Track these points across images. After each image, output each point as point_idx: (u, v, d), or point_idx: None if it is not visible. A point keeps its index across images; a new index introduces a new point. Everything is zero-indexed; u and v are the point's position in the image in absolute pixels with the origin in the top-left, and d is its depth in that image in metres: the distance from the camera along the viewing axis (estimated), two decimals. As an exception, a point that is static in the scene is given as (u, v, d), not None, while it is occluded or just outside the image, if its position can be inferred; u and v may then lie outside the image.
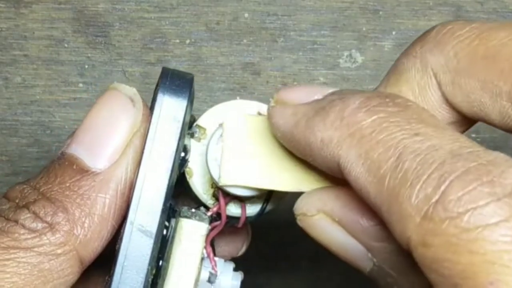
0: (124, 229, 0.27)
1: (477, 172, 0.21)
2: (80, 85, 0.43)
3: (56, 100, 0.43)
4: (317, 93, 0.26)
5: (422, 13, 0.43)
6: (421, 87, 0.28)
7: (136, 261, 0.27)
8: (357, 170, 0.24)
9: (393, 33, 0.43)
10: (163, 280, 0.28)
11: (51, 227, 0.26)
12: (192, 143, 0.30)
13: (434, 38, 0.27)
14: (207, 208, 0.30)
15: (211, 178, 0.29)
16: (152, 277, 0.27)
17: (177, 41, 0.43)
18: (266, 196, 0.30)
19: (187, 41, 0.43)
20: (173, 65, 0.43)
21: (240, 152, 0.28)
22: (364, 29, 0.43)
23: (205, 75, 0.43)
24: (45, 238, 0.26)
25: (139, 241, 0.27)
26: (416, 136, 0.23)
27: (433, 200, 0.21)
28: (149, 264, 0.27)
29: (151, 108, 0.28)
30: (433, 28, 0.27)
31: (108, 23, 0.43)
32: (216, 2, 0.43)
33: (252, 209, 0.30)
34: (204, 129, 0.30)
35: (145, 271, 0.27)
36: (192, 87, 0.28)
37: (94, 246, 0.27)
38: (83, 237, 0.27)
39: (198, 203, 0.30)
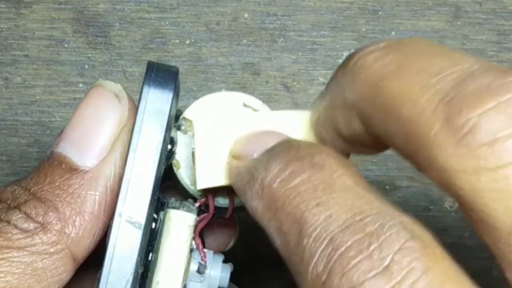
0: (112, 221, 0.27)
1: (358, 247, 0.22)
2: (80, 85, 0.43)
3: (56, 100, 0.43)
4: (267, 142, 0.27)
5: (421, 13, 0.44)
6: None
7: (125, 252, 0.27)
8: (276, 243, 0.24)
9: (393, 33, 0.43)
10: (153, 272, 0.28)
11: (43, 226, 0.27)
12: (178, 136, 0.30)
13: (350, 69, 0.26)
14: (195, 199, 0.30)
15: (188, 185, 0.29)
16: (142, 269, 0.28)
17: (177, 41, 0.43)
18: None
19: (187, 41, 0.43)
20: (173, 65, 0.43)
21: (214, 151, 0.28)
22: (363, 29, 0.43)
23: (205, 75, 0.43)
24: (37, 237, 0.26)
25: (127, 233, 0.27)
26: (317, 206, 0.23)
27: (322, 280, 0.22)
28: (139, 255, 0.27)
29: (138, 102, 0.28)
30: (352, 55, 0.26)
31: (108, 23, 0.43)
32: (216, 2, 0.43)
33: (240, 199, 0.30)
34: (191, 122, 0.30)
35: (134, 261, 0.27)
36: (177, 79, 0.28)
37: (86, 244, 0.27)
38: (75, 235, 0.27)
39: (186, 195, 0.30)
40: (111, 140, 0.28)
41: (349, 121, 0.25)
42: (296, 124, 0.29)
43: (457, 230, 0.43)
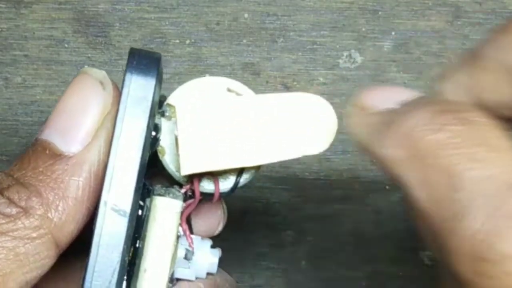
0: (98, 209, 0.27)
1: None
2: (80, 85, 0.43)
3: (56, 100, 0.43)
4: (397, 97, 0.26)
5: (421, 13, 0.44)
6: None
7: (111, 240, 0.27)
8: (417, 193, 0.23)
9: (393, 33, 0.43)
10: (141, 259, 0.28)
11: (25, 211, 0.27)
12: (163, 122, 0.30)
13: None
14: (180, 185, 0.30)
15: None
16: (130, 257, 0.28)
17: (177, 41, 0.43)
18: (239, 170, 0.30)
19: (187, 41, 0.43)
20: (173, 65, 0.43)
21: (197, 137, 0.28)
22: (363, 29, 0.43)
23: (205, 75, 0.43)
24: (19, 222, 0.26)
25: (113, 221, 0.27)
26: (474, 162, 0.22)
27: (481, 237, 0.21)
28: (125, 243, 0.27)
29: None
30: None
31: (108, 23, 0.43)
32: (216, 2, 0.43)
33: (226, 184, 0.30)
34: (174, 108, 0.30)
35: (120, 249, 0.27)
36: (160, 66, 0.28)
37: (69, 229, 0.27)
38: (58, 220, 0.27)
39: (172, 181, 0.30)
40: (95, 127, 0.28)
41: (501, 86, 0.25)
42: (283, 107, 0.29)
43: (457, 230, 0.43)
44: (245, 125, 0.29)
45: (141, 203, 0.29)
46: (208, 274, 0.31)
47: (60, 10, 0.43)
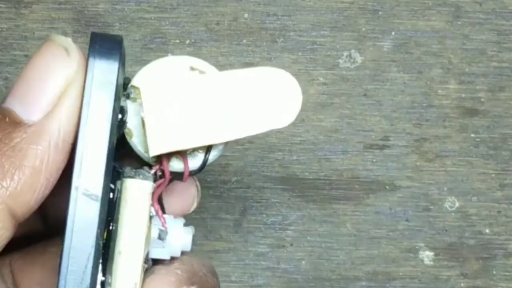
0: (69, 195, 0.27)
1: None
2: (80, 85, 0.43)
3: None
4: None
5: (421, 13, 0.44)
6: None
7: (84, 225, 0.27)
8: None
9: (393, 33, 0.43)
10: (115, 242, 0.28)
11: None
12: (128, 104, 0.30)
13: None
14: (150, 166, 0.30)
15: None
16: (104, 240, 0.28)
17: (177, 41, 0.43)
18: (207, 148, 0.30)
19: (187, 41, 0.43)
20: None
21: (164, 117, 0.29)
22: (363, 29, 0.43)
23: (205, 75, 0.43)
24: None
25: (85, 206, 0.27)
26: None
27: None
28: (98, 227, 0.27)
29: None
30: None
31: (108, 23, 0.43)
32: (216, 2, 0.43)
33: (195, 162, 0.30)
34: (139, 89, 0.30)
35: (94, 234, 0.27)
36: (122, 48, 0.28)
37: (25, 199, 0.27)
38: (13, 190, 0.26)
39: (141, 162, 0.30)
40: (57, 94, 0.27)
41: None
42: (248, 82, 0.29)
43: (457, 230, 0.43)
44: (210, 102, 0.29)
45: (112, 186, 0.28)
46: (183, 252, 0.31)
47: (60, 10, 0.43)
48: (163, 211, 0.31)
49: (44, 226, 0.34)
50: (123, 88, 0.30)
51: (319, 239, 0.43)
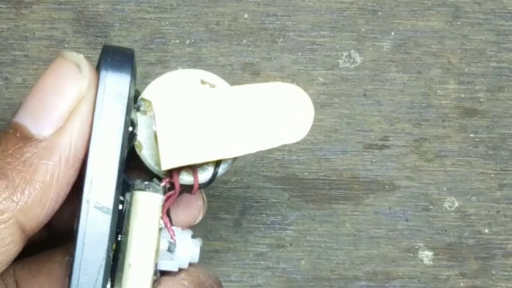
0: (80, 208, 0.27)
1: None
2: (80, 85, 0.43)
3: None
4: None
5: (421, 13, 0.44)
6: None
7: (96, 238, 0.27)
8: None
9: (392, 33, 0.44)
10: (124, 254, 0.28)
11: None
12: (138, 117, 0.30)
13: None
14: (160, 179, 0.30)
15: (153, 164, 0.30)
16: (113, 251, 0.28)
17: (177, 41, 0.43)
18: (216, 162, 0.30)
19: (187, 42, 0.43)
20: (173, 65, 0.43)
21: (176, 131, 0.29)
22: (363, 29, 0.43)
23: (205, 76, 0.43)
24: None
25: (97, 218, 0.27)
26: None
27: None
28: (109, 240, 0.27)
29: None
30: None
31: (108, 23, 0.43)
32: (216, 2, 0.43)
33: (204, 176, 0.30)
34: (149, 102, 0.30)
35: (105, 247, 0.27)
36: (134, 62, 0.28)
37: (35, 214, 0.27)
38: (23, 204, 0.26)
39: (151, 175, 0.30)
40: (68, 110, 0.27)
41: None
42: (259, 98, 0.29)
43: (456, 230, 0.43)
44: (222, 116, 0.29)
45: (121, 198, 0.29)
46: (190, 264, 0.31)
47: (60, 10, 0.43)
48: (171, 223, 0.31)
49: (47, 234, 0.34)
50: (134, 101, 0.30)
51: (318, 239, 0.43)
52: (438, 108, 0.43)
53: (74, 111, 0.27)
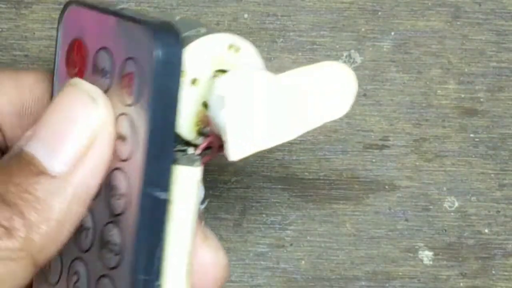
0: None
1: None
2: (80, 85, 0.43)
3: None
4: None
5: (421, 13, 0.44)
6: None
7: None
8: None
9: (392, 33, 0.44)
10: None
11: (8, 231, 0.26)
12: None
13: None
14: (191, 145, 0.30)
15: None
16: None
17: (177, 41, 0.43)
18: None
19: (187, 42, 0.43)
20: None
21: (245, 119, 0.29)
22: (363, 29, 0.43)
23: (205, 76, 0.43)
24: (1, 242, 0.26)
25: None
26: None
27: None
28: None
29: None
30: None
31: (108, 23, 0.43)
32: (216, 2, 0.43)
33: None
34: (185, 72, 0.29)
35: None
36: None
37: (50, 251, 0.27)
38: (40, 243, 0.26)
39: (180, 142, 0.30)
40: (84, 146, 0.27)
41: None
42: (309, 79, 0.31)
43: (457, 230, 0.43)
44: (278, 101, 0.30)
45: None
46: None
47: (60, 10, 0.43)
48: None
49: None
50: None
51: (318, 239, 0.43)
52: (438, 108, 0.43)
53: (90, 148, 0.27)
